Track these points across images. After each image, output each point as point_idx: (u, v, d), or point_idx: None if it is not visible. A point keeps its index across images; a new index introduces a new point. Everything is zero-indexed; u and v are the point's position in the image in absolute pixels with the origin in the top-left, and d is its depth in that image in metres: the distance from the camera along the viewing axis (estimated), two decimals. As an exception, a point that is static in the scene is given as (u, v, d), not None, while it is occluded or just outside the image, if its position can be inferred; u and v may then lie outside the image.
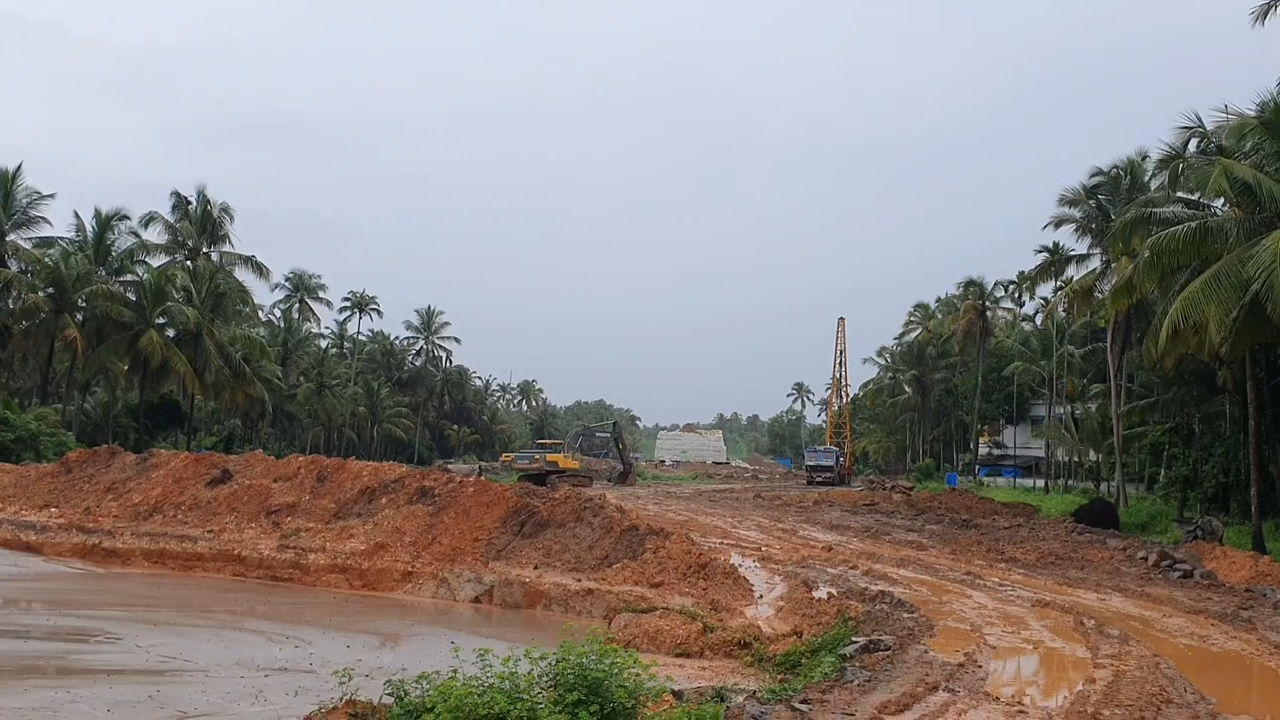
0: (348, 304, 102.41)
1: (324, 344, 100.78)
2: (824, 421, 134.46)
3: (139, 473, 32.50)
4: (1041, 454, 76.02)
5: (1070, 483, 67.83)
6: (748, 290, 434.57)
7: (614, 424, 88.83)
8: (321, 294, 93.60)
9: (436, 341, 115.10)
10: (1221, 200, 29.19)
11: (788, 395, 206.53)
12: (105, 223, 58.45)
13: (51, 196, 56.46)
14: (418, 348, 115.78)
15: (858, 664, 13.11)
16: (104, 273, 57.04)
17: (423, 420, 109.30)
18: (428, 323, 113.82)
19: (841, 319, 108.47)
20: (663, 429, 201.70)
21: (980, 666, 13.37)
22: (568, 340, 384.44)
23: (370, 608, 22.05)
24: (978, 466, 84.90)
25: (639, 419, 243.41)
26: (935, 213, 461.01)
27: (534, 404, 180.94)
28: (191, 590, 23.29)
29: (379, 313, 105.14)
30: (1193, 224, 26.60)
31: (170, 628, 18.31)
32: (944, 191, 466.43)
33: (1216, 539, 29.67)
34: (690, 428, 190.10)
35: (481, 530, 25.81)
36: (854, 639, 14.75)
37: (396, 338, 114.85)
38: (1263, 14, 27.61)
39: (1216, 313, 25.30)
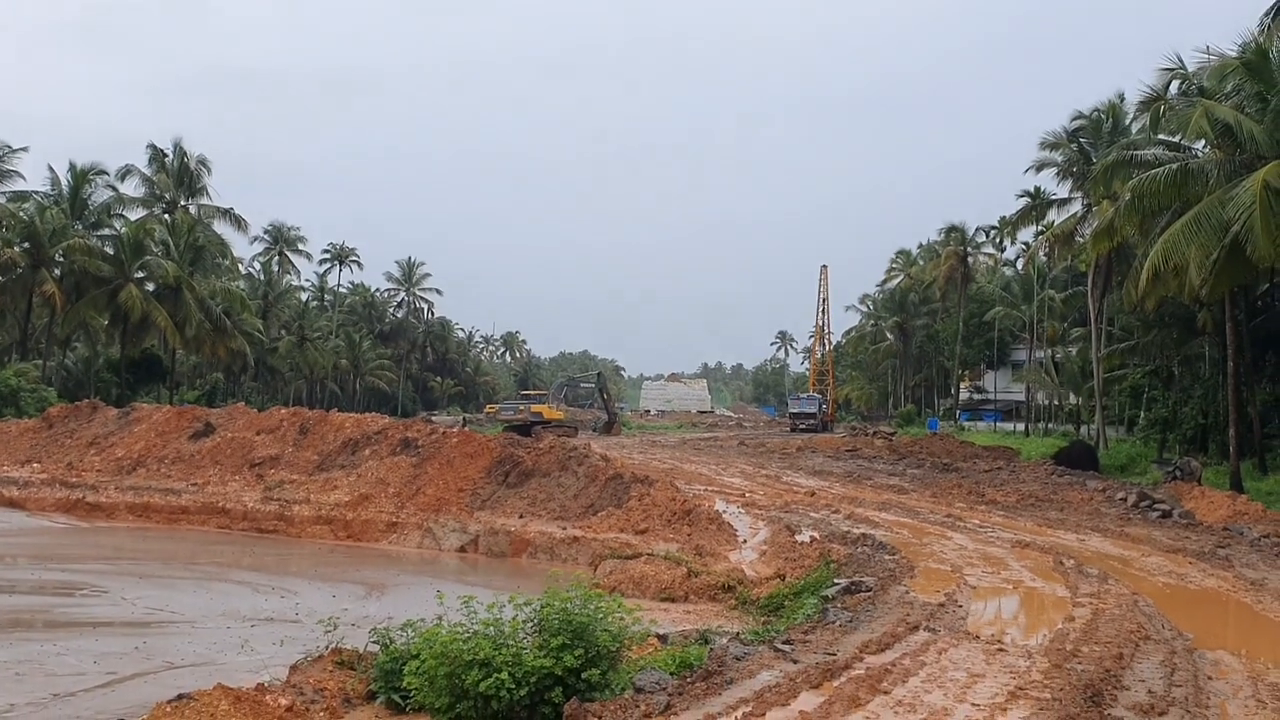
0: (328, 256, 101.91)
1: (304, 297, 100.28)
2: (807, 369, 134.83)
3: (121, 427, 32.39)
4: (1022, 398, 76.48)
5: (1050, 426, 68.30)
6: (732, 240, 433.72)
7: (598, 374, 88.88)
8: (301, 246, 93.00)
9: (418, 293, 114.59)
10: (1202, 142, 29.15)
11: (771, 344, 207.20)
12: (81, 176, 57.71)
13: (24, 150, 55.70)
14: (399, 299, 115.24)
15: (840, 605, 13.23)
16: (80, 227, 56.37)
17: (405, 372, 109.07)
18: (409, 274, 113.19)
19: (824, 267, 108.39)
20: (647, 379, 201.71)
21: (960, 606, 13.51)
22: (552, 291, 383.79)
23: (355, 558, 22.13)
24: (959, 411, 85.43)
25: (624, 369, 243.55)
26: (919, 158, 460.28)
27: (518, 355, 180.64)
28: (176, 543, 23.31)
29: (359, 264, 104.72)
30: (1173, 166, 26.56)
31: (156, 580, 18.34)
32: (928, 136, 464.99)
33: (1195, 479, 29.96)
34: (675, 377, 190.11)
35: (466, 481, 25.86)
36: (836, 581, 14.88)
37: (377, 290, 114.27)
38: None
39: (1197, 255, 25.35)
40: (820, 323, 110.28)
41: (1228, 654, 11.23)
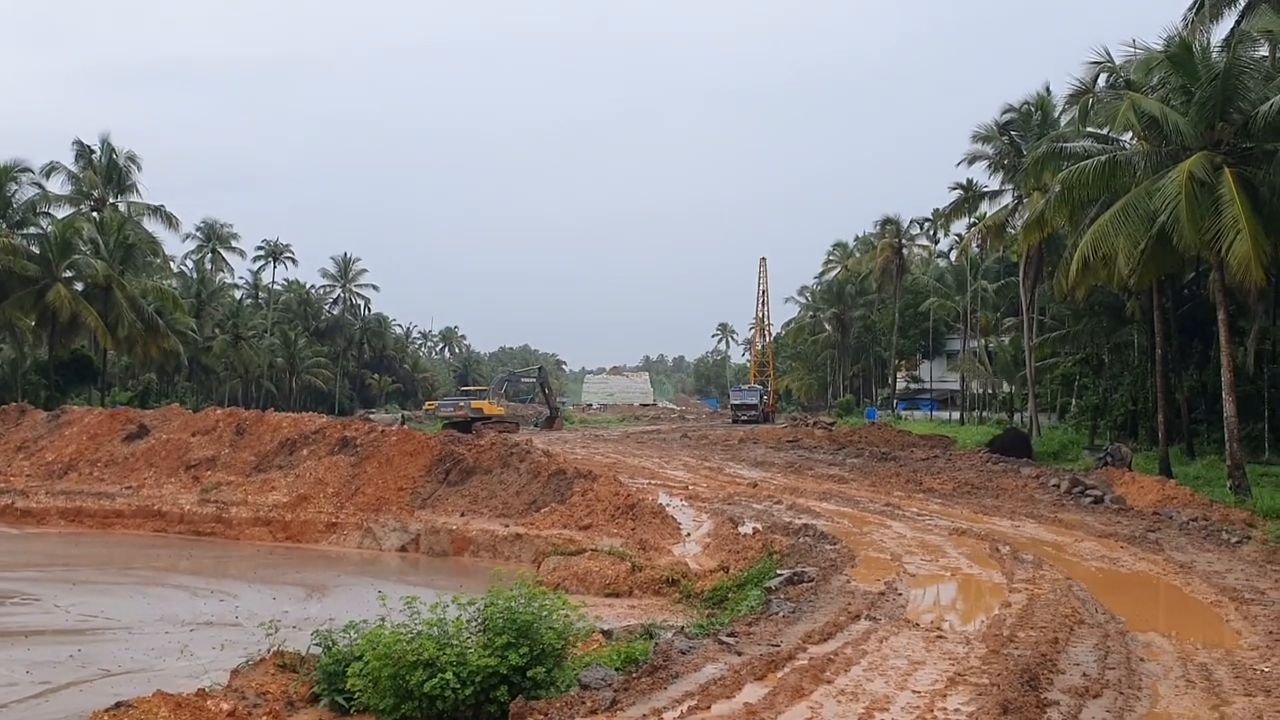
0: (261, 253, 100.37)
1: (238, 295, 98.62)
2: (748, 361, 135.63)
3: (51, 430, 31.70)
4: (957, 387, 77.57)
5: (985, 414, 69.28)
6: (672, 233, 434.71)
7: (539, 368, 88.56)
8: (234, 243, 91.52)
9: (354, 289, 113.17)
10: (1130, 134, 29.69)
11: (712, 336, 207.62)
12: (4, 173, 56.25)
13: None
14: (335, 296, 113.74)
15: (782, 596, 13.36)
16: (4, 225, 54.98)
17: (342, 370, 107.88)
18: (345, 270, 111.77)
19: (763, 259, 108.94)
20: (589, 372, 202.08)
21: (900, 594, 13.70)
22: (490, 286, 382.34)
23: (295, 559, 21.89)
24: (896, 401, 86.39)
25: (565, 363, 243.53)
26: (856, 149, 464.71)
27: (457, 351, 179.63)
28: (111, 548, 22.89)
29: (294, 261, 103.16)
30: (1102, 158, 27.04)
31: (90, 586, 18.00)
32: (865, 127, 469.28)
33: (1125, 465, 30.59)
34: (616, 370, 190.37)
35: (406, 479, 25.70)
36: (779, 572, 15.01)
37: (312, 286, 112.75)
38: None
39: (1125, 244, 25.86)
40: (760, 314, 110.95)
41: (1159, 636, 11.51)
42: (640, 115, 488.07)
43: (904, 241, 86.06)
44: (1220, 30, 31.85)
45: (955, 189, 57.73)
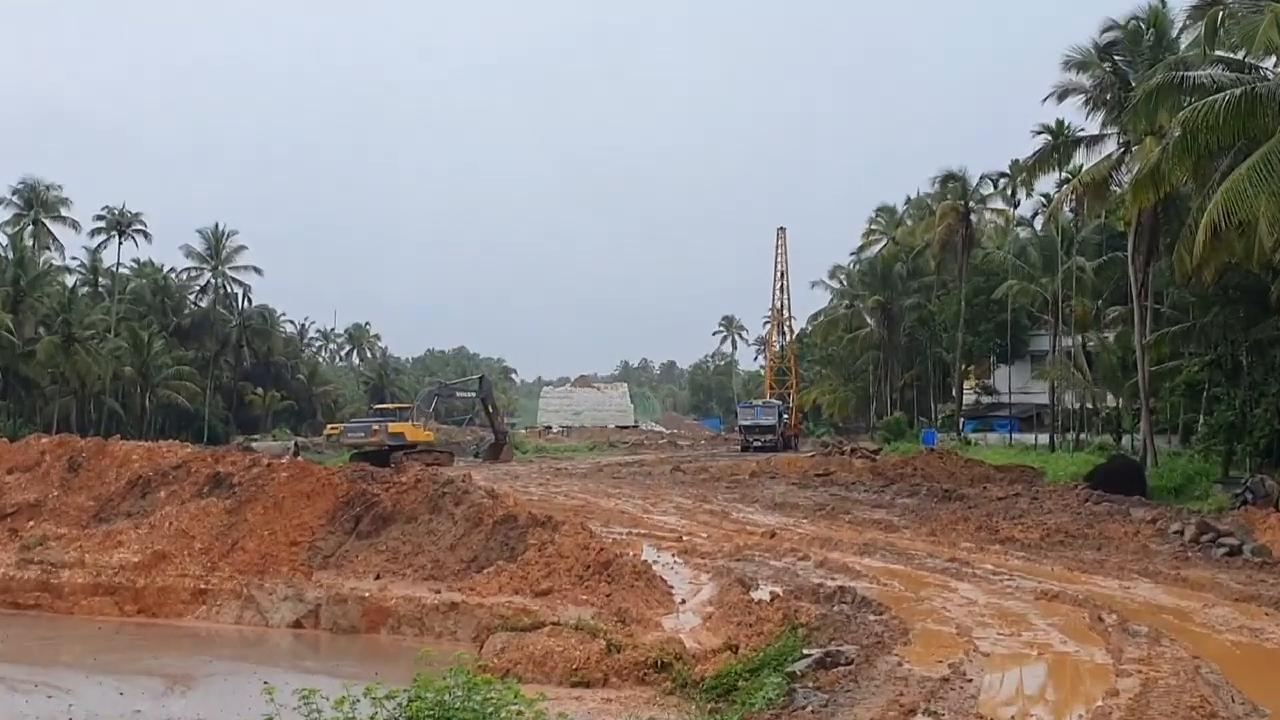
0: (102, 224, 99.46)
1: (71, 281, 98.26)
2: (762, 368, 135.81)
3: None
4: (1044, 400, 77.53)
5: (1083, 436, 69.43)
6: (660, 203, 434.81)
7: (480, 379, 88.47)
8: (64, 211, 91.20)
9: (229, 274, 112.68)
10: (1274, 59, 29.92)
11: (714, 333, 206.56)
12: None
13: None
14: (203, 282, 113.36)
15: (811, 684, 13.38)
16: None
17: (214, 383, 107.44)
18: (216, 248, 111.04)
19: (781, 229, 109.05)
20: (548, 384, 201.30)
21: (970, 681, 13.74)
22: (414, 269, 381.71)
23: (151, 639, 21.79)
24: (962, 420, 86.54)
25: (515, 371, 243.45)
26: (903, 84, 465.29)
27: (369, 356, 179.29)
28: (-107, 628, 22.73)
29: (146, 235, 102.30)
30: (1236, 92, 27.20)
31: None
32: (913, 55, 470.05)
33: (1272, 504, 30.69)
34: (584, 381, 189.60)
35: (301, 530, 25.62)
36: (806, 651, 15.03)
37: (172, 270, 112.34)
38: None
39: (1268, 207, 25.99)
40: (778, 304, 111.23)
41: (1316, 733, 11.59)
42: (618, 36, 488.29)
43: (972, 205, 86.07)
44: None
45: (1041, 133, 58.02)
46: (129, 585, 24.22)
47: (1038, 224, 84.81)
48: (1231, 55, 33.18)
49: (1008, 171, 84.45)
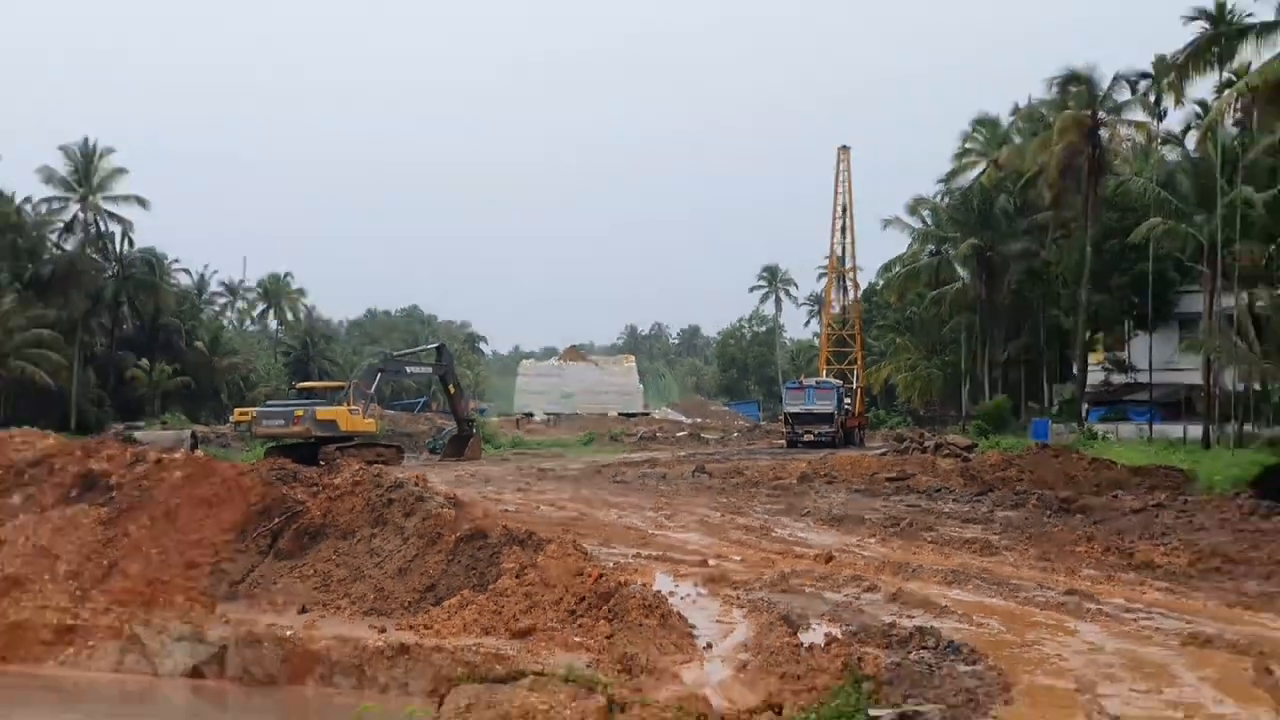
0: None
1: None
2: (816, 335, 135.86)
3: None
4: (1196, 379, 77.43)
5: (1248, 428, 69.32)
6: (678, 109, 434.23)
7: (439, 349, 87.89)
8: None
9: (104, 206, 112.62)
10: None
11: (751, 289, 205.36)
12: None
13: None
14: (68, 217, 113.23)
15: (881, 756, 13.43)
16: None
17: (84, 352, 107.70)
18: (85, 172, 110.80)
19: (843, 149, 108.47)
20: (528, 356, 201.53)
21: (1094, 753, 13.78)
22: (347, 206, 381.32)
23: (0, 691, 21.92)
24: (1087, 406, 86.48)
25: (485, 341, 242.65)
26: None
27: (291, 318, 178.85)
28: None
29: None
30: None
31: None
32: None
33: None
34: (577, 353, 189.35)
35: (201, 548, 25.71)
36: (873, 713, 15.09)
37: (27, 201, 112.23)
38: None
39: None
40: (838, 250, 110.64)
41: None
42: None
43: (1103, 116, 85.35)
44: None
45: (1195, 19, 57.77)
46: (-29, 620, 24.37)
47: (1190, 142, 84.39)
48: None
49: (1150, 71, 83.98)
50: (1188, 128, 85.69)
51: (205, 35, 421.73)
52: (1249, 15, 52.83)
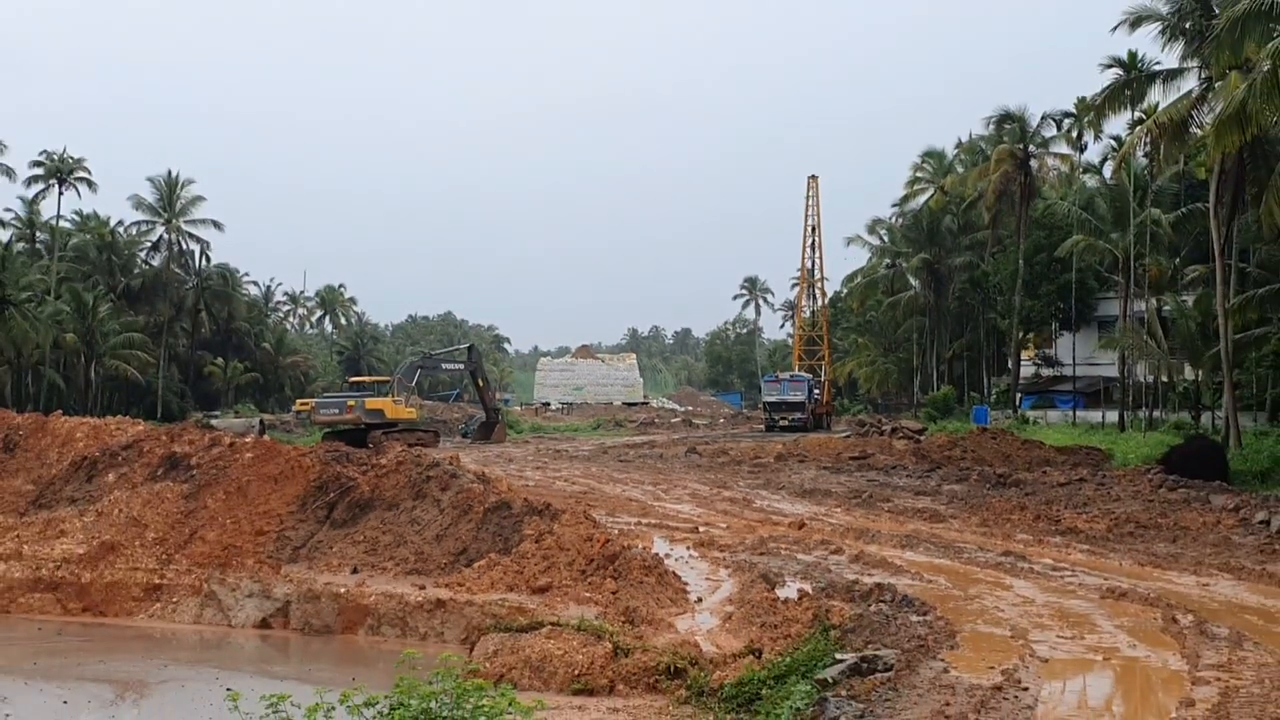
0: (40, 171, 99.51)
1: (4, 235, 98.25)
2: (790, 336, 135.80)
3: None
4: (1113, 373, 77.51)
5: (1156, 414, 69.35)
6: (667, 140, 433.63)
7: (469, 349, 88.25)
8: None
9: (184, 228, 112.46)
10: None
11: (735, 297, 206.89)
12: None
13: None
14: (155, 238, 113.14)
15: (845, 694, 13.42)
16: None
17: (169, 352, 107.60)
18: (169, 199, 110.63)
19: (813, 178, 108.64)
20: (545, 355, 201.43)
21: (1026, 689, 13.78)
22: (393, 227, 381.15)
23: (98, 641, 21.89)
24: (1020, 395, 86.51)
25: (509, 341, 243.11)
26: (949, 30, 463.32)
27: (344, 323, 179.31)
28: None
29: (90, 184, 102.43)
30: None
31: None
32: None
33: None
34: (586, 351, 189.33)
35: (268, 518, 25.68)
36: (839, 656, 15.07)
37: (120, 224, 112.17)
38: None
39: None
40: (809, 263, 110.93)
41: None
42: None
43: (1033, 149, 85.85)
44: None
45: (1110, 66, 57.81)
46: (73, 580, 24.31)
47: (1107, 171, 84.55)
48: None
49: (1073, 111, 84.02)
50: (1105, 159, 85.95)
51: (259, 85, 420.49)
52: (1156, 63, 52.99)
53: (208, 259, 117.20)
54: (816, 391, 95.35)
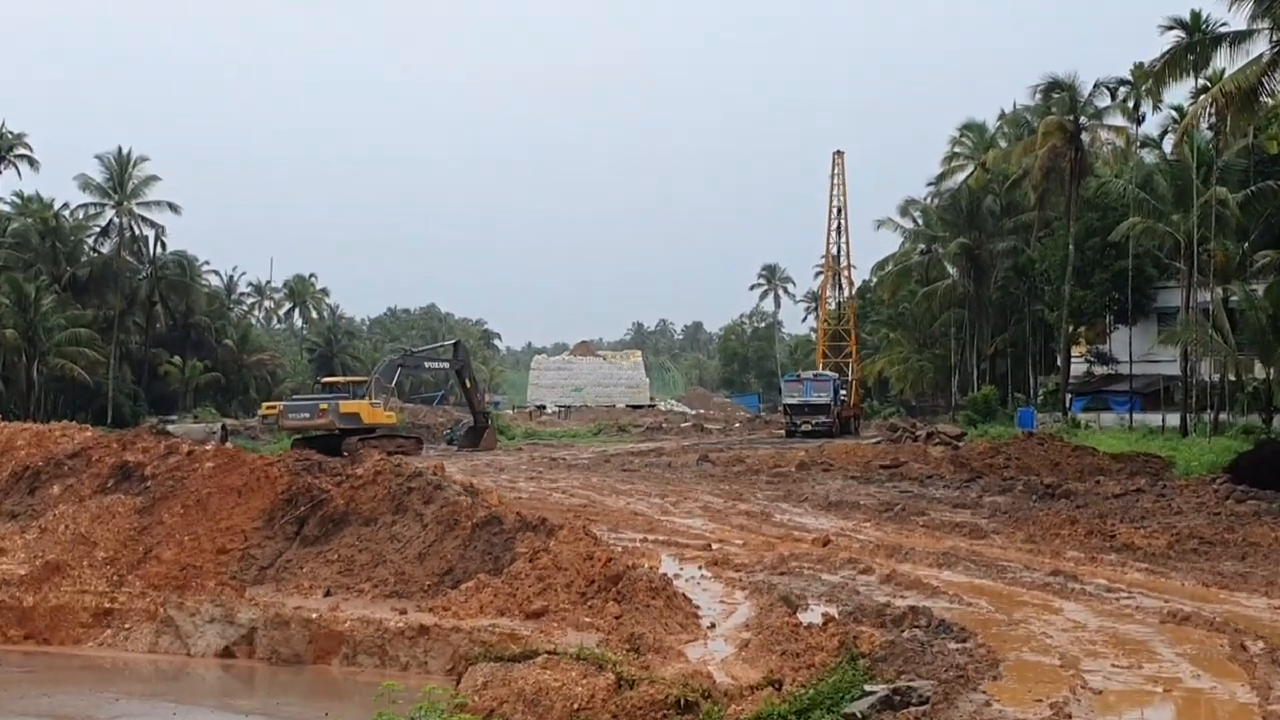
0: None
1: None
2: (813, 330, 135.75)
3: None
4: (1174, 371, 77.27)
5: (1223, 416, 69.19)
6: (682, 125, 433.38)
7: (455, 345, 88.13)
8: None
9: (137, 211, 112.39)
10: None
11: (751, 287, 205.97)
12: None
13: None
14: (104, 222, 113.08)
15: (876, 730, 13.41)
16: None
17: (120, 350, 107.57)
18: (120, 179, 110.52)
19: (838, 153, 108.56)
20: (540, 352, 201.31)
21: (1078, 725, 13.77)
22: (371, 209, 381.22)
23: (42, 672, 21.91)
24: (1070, 396, 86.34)
25: (499, 337, 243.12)
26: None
27: (315, 316, 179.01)
28: None
29: (32, 162, 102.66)
30: None
31: None
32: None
33: None
34: (587, 348, 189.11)
35: (231, 534, 25.70)
36: (868, 688, 15.06)
37: (65, 207, 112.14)
38: None
39: None
40: (834, 249, 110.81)
41: None
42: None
43: (1084, 121, 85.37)
44: None
45: (1171, 28, 57.64)
46: (14, 604, 24.33)
47: (1167, 146, 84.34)
48: None
49: (1129, 78, 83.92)
50: (1165, 132, 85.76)
51: (230, 34, 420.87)
52: (1222, 25, 52.70)
53: (163, 246, 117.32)
54: (843, 392, 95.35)
